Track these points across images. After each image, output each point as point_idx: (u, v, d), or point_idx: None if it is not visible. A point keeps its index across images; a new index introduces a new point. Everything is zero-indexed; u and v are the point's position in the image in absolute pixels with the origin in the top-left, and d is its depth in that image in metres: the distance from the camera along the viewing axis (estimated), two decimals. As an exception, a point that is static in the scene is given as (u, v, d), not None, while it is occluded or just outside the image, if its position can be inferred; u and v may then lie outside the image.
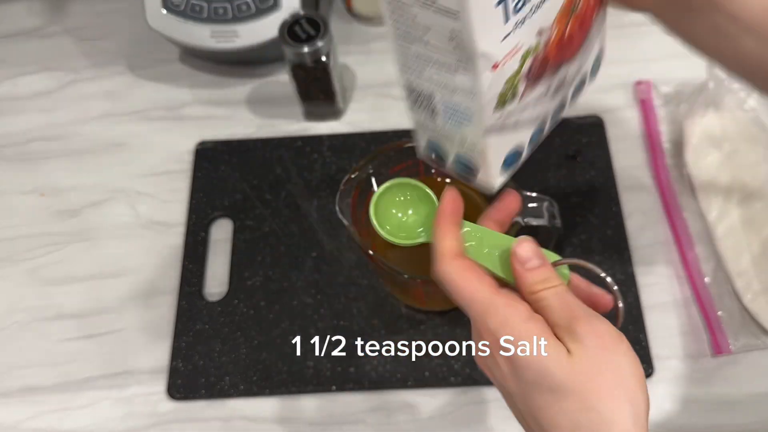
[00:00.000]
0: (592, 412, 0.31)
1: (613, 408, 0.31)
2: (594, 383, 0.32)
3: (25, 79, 0.71)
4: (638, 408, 0.32)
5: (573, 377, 0.32)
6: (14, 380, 0.55)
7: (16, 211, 0.63)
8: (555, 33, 0.34)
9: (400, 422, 0.52)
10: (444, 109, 0.34)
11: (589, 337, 0.32)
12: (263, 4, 0.62)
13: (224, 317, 0.56)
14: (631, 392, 0.32)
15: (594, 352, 0.32)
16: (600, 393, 0.32)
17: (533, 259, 0.35)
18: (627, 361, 0.33)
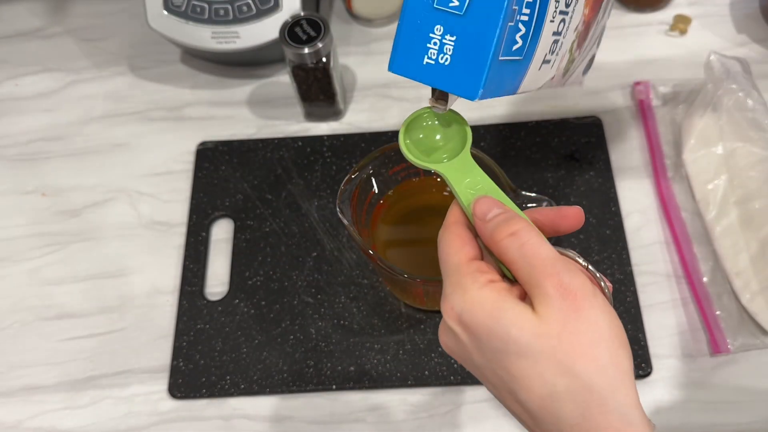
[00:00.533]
0: (568, 376, 0.28)
1: (592, 371, 0.28)
2: (567, 344, 0.29)
3: (26, 79, 0.71)
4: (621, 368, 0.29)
5: (541, 339, 0.29)
6: (16, 379, 0.55)
7: (18, 211, 0.63)
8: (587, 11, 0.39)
9: (400, 421, 0.52)
10: None
11: (556, 293, 0.29)
12: (264, 5, 0.63)
13: (225, 317, 0.56)
14: (612, 350, 0.29)
15: (563, 309, 0.29)
16: (575, 354, 0.28)
17: (493, 210, 0.32)
18: (603, 318, 0.29)
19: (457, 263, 0.32)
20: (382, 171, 0.51)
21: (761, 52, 0.66)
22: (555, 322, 0.29)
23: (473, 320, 0.30)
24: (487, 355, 0.30)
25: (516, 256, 0.30)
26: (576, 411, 0.28)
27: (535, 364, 0.29)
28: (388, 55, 0.76)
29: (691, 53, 0.67)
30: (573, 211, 0.34)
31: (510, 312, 0.30)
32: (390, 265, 0.46)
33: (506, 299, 0.30)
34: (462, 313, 0.31)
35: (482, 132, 0.63)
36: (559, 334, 0.29)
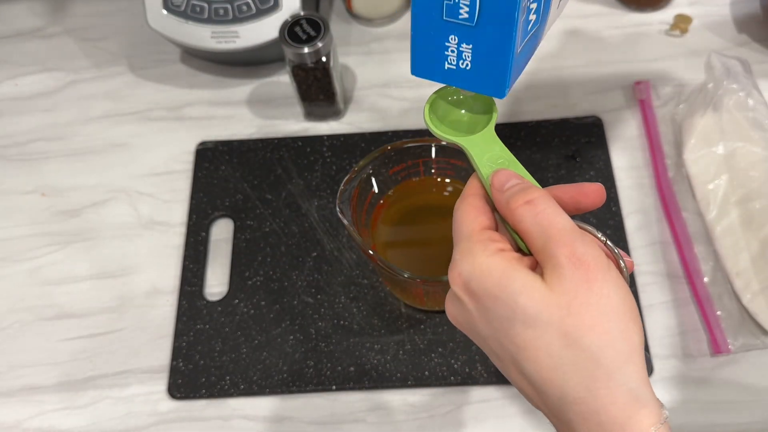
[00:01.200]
0: (575, 348, 0.28)
1: (600, 344, 0.28)
2: (576, 316, 0.28)
3: (26, 79, 0.71)
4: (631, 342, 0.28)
5: (550, 309, 0.28)
6: (15, 380, 0.55)
7: (17, 211, 0.63)
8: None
9: (400, 421, 0.52)
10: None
11: (570, 264, 0.28)
12: (264, 5, 0.63)
13: (225, 317, 0.56)
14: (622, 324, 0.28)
15: (574, 280, 0.28)
16: (583, 326, 0.28)
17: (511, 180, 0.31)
18: (616, 291, 0.28)
19: (469, 231, 0.31)
20: (382, 171, 0.51)
21: (762, 51, 0.66)
22: (565, 293, 0.28)
23: (481, 287, 0.30)
24: (494, 324, 0.30)
25: (530, 224, 0.30)
26: (581, 384, 0.28)
27: (542, 335, 0.28)
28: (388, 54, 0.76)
29: (692, 53, 0.67)
30: (594, 187, 0.33)
31: (519, 280, 0.29)
32: (390, 265, 0.46)
33: (516, 267, 0.29)
34: (470, 280, 0.30)
35: (482, 132, 0.63)
36: (568, 304, 0.28)
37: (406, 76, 0.68)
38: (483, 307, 0.30)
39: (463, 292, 0.31)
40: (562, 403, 0.28)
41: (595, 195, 0.33)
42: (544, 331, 0.28)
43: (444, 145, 0.51)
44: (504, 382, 0.52)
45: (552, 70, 0.67)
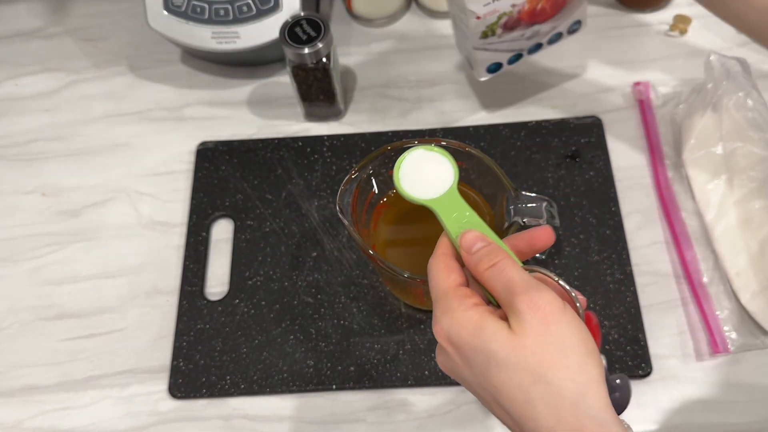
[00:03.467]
0: (541, 383, 0.32)
1: (561, 377, 0.32)
2: (540, 356, 0.32)
3: (26, 79, 0.71)
4: (589, 374, 0.32)
5: (517, 352, 0.32)
6: (16, 379, 0.55)
7: (18, 211, 0.63)
8: (527, 6, 0.53)
9: (400, 421, 0.52)
10: (459, 31, 0.57)
11: (528, 311, 0.33)
12: (264, 6, 0.63)
13: (225, 317, 0.56)
14: (580, 359, 0.32)
15: (535, 325, 0.32)
16: (547, 364, 0.32)
17: (477, 244, 0.36)
18: (570, 331, 0.33)
19: (445, 289, 0.36)
20: (382, 171, 0.51)
21: (761, 52, 0.66)
22: (527, 336, 0.32)
23: (460, 338, 0.34)
24: (474, 370, 0.34)
25: (495, 282, 0.35)
26: (551, 415, 0.31)
27: (513, 375, 0.32)
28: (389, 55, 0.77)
29: (691, 53, 0.67)
30: (543, 231, 0.38)
31: (489, 329, 0.33)
32: (390, 265, 0.46)
33: (487, 319, 0.34)
34: (450, 333, 0.35)
35: (482, 132, 0.63)
36: (531, 345, 0.32)
37: (406, 76, 0.68)
38: (464, 356, 0.34)
39: (446, 343, 0.35)
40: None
41: (546, 237, 0.38)
42: (514, 371, 0.32)
43: (444, 145, 0.51)
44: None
45: (552, 71, 0.67)
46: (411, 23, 0.72)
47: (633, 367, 0.52)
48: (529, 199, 0.47)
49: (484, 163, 0.49)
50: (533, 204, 0.47)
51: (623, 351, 0.53)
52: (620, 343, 0.53)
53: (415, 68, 0.68)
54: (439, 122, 0.65)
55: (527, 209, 0.47)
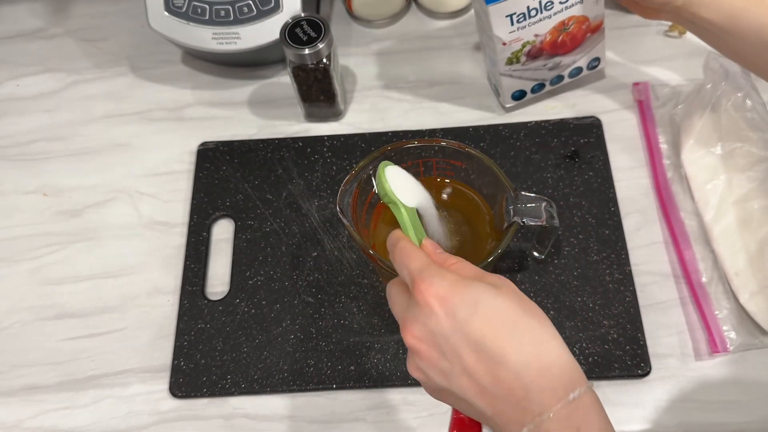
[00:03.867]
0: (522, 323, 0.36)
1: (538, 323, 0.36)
2: (516, 303, 0.36)
3: (27, 79, 0.71)
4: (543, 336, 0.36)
5: (500, 297, 0.36)
6: (17, 379, 0.56)
7: (19, 211, 0.63)
8: (549, 38, 0.58)
9: (400, 420, 0.52)
10: (488, 58, 0.61)
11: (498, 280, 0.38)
12: (264, 6, 0.63)
13: (226, 316, 0.56)
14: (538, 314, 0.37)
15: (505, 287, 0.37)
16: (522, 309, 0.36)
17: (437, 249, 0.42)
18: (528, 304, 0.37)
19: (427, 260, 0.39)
20: (382, 171, 0.51)
21: (760, 52, 0.66)
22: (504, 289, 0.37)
23: (451, 289, 0.36)
24: (458, 316, 0.36)
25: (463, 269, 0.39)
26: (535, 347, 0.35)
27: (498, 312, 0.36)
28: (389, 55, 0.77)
29: (690, 54, 0.67)
30: None
31: (477, 282, 0.37)
32: (390, 264, 0.46)
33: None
34: (441, 286, 0.37)
35: (482, 132, 0.63)
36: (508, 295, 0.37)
37: (406, 76, 0.68)
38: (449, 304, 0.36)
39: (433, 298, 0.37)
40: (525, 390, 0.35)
41: None
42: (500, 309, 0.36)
43: (444, 145, 0.51)
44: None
45: (551, 71, 0.67)
46: (411, 23, 0.72)
47: (632, 366, 0.52)
48: (529, 200, 0.47)
49: (483, 163, 0.49)
50: (533, 204, 0.47)
51: (622, 350, 0.53)
52: (619, 343, 0.53)
53: (415, 68, 0.69)
54: (439, 122, 0.65)
55: (527, 209, 0.47)
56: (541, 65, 0.60)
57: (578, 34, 0.59)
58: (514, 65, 0.59)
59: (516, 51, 0.57)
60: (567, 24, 0.57)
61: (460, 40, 0.70)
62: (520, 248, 0.57)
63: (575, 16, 0.57)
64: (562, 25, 0.57)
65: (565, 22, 0.57)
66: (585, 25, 0.58)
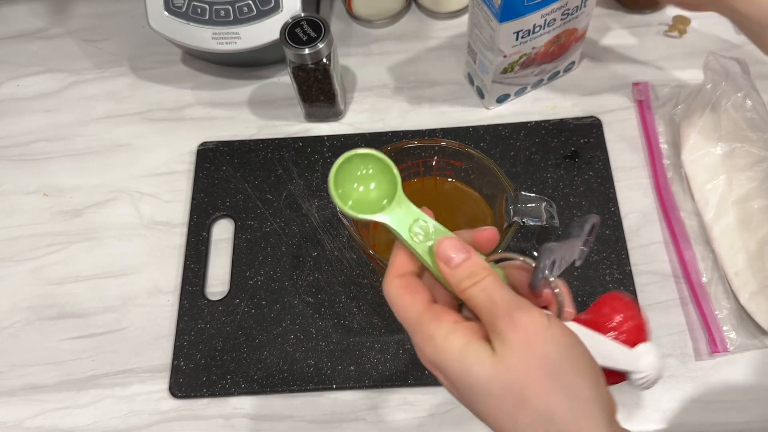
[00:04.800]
0: (528, 410, 0.30)
1: (549, 403, 0.30)
2: (524, 380, 0.30)
3: (28, 80, 0.71)
4: (578, 396, 0.30)
5: (499, 377, 0.30)
6: (17, 379, 0.56)
7: (20, 211, 0.64)
8: (542, 49, 0.60)
9: (400, 420, 0.52)
10: (480, 61, 0.62)
11: (509, 332, 0.31)
12: (264, 6, 0.63)
13: (226, 316, 0.56)
14: (565, 381, 0.30)
15: (518, 346, 0.31)
16: (531, 389, 0.30)
17: (457, 255, 0.34)
18: (555, 350, 0.31)
19: (416, 315, 0.33)
20: (382, 171, 0.51)
21: (759, 53, 0.66)
22: (510, 358, 0.31)
23: (445, 367, 0.32)
24: (462, 395, 0.33)
25: (477, 300, 0.33)
26: None
27: (498, 402, 0.31)
28: (389, 55, 0.77)
29: (690, 54, 0.67)
30: (487, 232, 0.37)
31: (473, 353, 0.31)
32: (390, 264, 0.46)
33: (471, 341, 0.32)
34: (435, 361, 0.33)
35: (482, 132, 0.63)
36: (515, 368, 0.30)
37: (406, 76, 0.68)
38: (451, 381, 0.33)
39: (434, 369, 0.34)
40: None
41: (489, 238, 0.37)
42: (498, 398, 0.31)
43: (444, 145, 0.51)
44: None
45: (551, 71, 0.67)
46: (411, 24, 0.72)
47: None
48: (529, 200, 0.47)
49: (483, 163, 0.49)
50: (533, 204, 0.47)
51: (622, 350, 0.53)
52: (619, 343, 0.53)
53: (415, 68, 0.69)
54: (439, 122, 0.65)
55: (527, 209, 0.47)
56: (529, 72, 0.63)
57: (567, 44, 0.62)
58: (507, 74, 0.61)
59: (513, 62, 0.60)
60: (561, 37, 0.60)
61: (460, 40, 0.70)
62: (520, 248, 0.57)
63: (568, 29, 0.60)
64: (556, 38, 0.60)
65: (559, 36, 0.60)
66: (573, 35, 0.61)
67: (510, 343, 0.31)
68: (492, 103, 0.65)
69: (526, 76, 0.63)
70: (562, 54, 0.62)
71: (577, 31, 0.61)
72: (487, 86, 0.63)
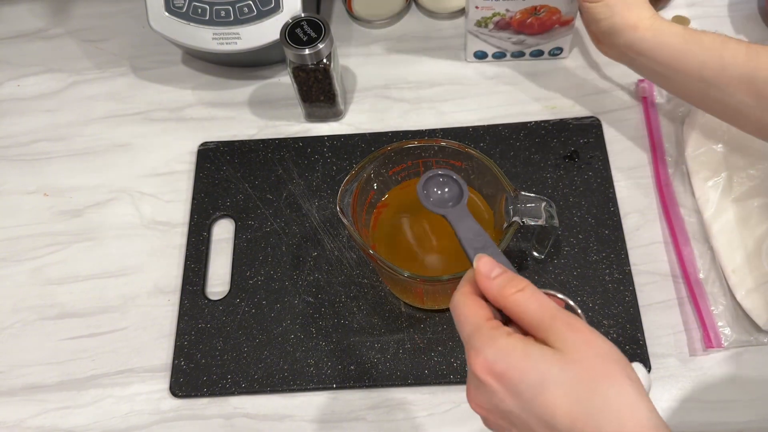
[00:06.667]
0: (599, 396, 0.32)
1: (617, 389, 0.32)
2: (592, 370, 0.33)
3: (28, 80, 0.71)
4: (637, 385, 0.33)
5: (569, 367, 0.33)
6: (18, 378, 0.56)
7: (20, 211, 0.64)
8: (518, 16, 0.63)
9: (400, 420, 0.52)
10: (465, 9, 0.64)
11: (569, 333, 0.33)
12: (265, 7, 0.63)
13: (226, 316, 0.56)
14: (627, 372, 0.33)
15: (579, 344, 0.33)
16: (600, 377, 0.32)
17: (495, 269, 0.37)
18: (608, 347, 0.34)
19: (478, 323, 0.35)
20: (382, 171, 0.52)
21: (759, 53, 0.66)
22: (574, 353, 0.33)
23: (508, 364, 0.34)
24: (524, 397, 0.33)
25: (527, 305, 0.35)
26: (615, 425, 0.32)
27: (569, 390, 0.32)
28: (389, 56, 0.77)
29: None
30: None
31: (536, 349, 0.34)
32: (390, 264, 0.46)
33: (530, 342, 0.34)
34: (495, 361, 0.34)
35: (482, 132, 0.63)
36: (581, 361, 0.33)
37: (406, 77, 0.68)
38: (511, 384, 0.34)
39: (488, 375, 0.34)
40: None
41: None
42: (570, 386, 0.32)
43: (444, 145, 0.51)
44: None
45: (551, 71, 0.67)
46: (411, 24, 0.72)
47: None
48: (529, 200, 0.47)
49: (483, 163, 0.49)
50: (532, 204, 0.47)
51: (622, 350, 0.52)
52: (619, 343, 0.53)
53: (415, 69, 0.69)
54: (439, 123, 0.65)
55: (526, 209, 0.47)
56: (506, 37, 0.65)
57: (547, 21, 0.63)
58: (481, 28, 0.64)
59: (486, 17, 0.63)
60: (539, 10, 0.62)
61: (460, 41, 0.70)
62: (519, 248, 0.57)
63: (548, 6, 0.61)
64: (533, 10, 0.62)
65: (537, 8, 0.62)
66: (556, 16, 0.63)
67: (571, 341, 0.33)
68: (470, 56, 0.68)
69: (503, 39, 0.65)
70: (544, 32, 0.64)
71: (560, 13, 0.62)
72: (467, 37, 0.66)
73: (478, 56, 0.68)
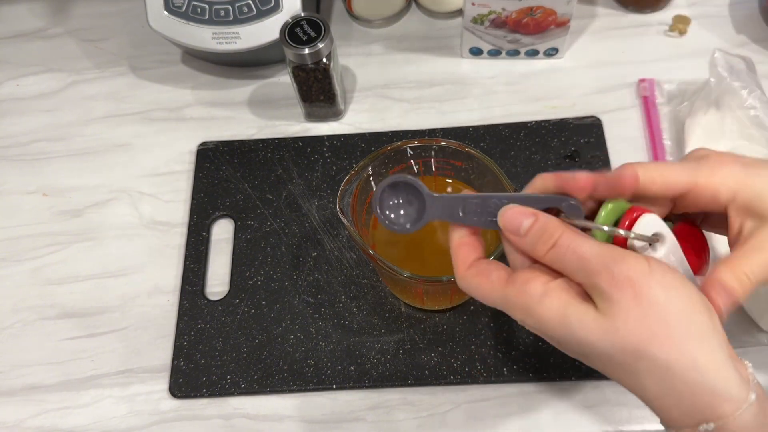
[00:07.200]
0: (645, 360, 0.29)
1: (668, 350, 0.29)
2: (638, 334, 0.29)
3: (28, 79, 0.71)
4: (698, 336, 0.29)
5: (610, 336, 0.29)
6: (17, 379, 0.56)
7: (20, 211, 0.64)
8: (514, 15, 0.63)
9: (400, 420, 0.52)
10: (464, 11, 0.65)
11: (613, 290, 0.29)
12: (264, 6, 0.63)
13: (225, 316, 0.56)
14: (685, 324, 0.29)
15: (626, 302, 0.29)
16: (648, 340, 0.29)
17: (522, 223, 0.32)
18: (666, 294, 0.29)
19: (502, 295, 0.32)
20: (382, 171, 0.51)
21: (761, 52, 0.66)
22: (619, 316, 0.29)
23: (548, 332, 0.31)
24: (578, 356, 0.32)
25: (564, 263, 0.31)
26: (660, 386, 0.29)
27: (610, 359, 0.30)
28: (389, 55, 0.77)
29: (690, 54, 0.67)
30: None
31: (575, 316, 0.30)
32: (390, 264, 0.46)
33: (569, 303, 0.31)
34: (540, 330, 0.32)
35: (482, 132, 0.63)
36: (626, 325, 0.29)
37: (406, 76, 0.68)
38: (561, 344, 0.32)
39: (543, 335, 0.32)
40: (658, 405, 0.30)
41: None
42: (611, 356, 0.30)
43: (444, 145, 0.51)
44: (502, 381, 0.52)
45: (551, 71, 0.67)
46: (411, 23, 0.72)
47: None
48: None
49: (483, 163, 0.49)
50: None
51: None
52: (619, 343, 0.53)
53: (415, 68, 0.69)
54: (439, 122, 0.65)
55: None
56: (501, 35, 0.66)
57: (543, 22, 0.64)
58: (477, 25, 0.65)
59: (482, 14, 0.63)
60: (535, 11, 0.62)
61: (460, 40, 0.70)
62: (520, 248, 0.57)
63: (543, 7, 0.62)
64: (529, 10, 0.62)
65: (533, 9, 0.62)
66: (552, 17, 0.63)
67: (616, 301, 0.29)
68: (465, 52, 0.68)
69: (498, 37, 0.66)
70: (540, 32, 0.64)
71: (555, 14, 0.62)
72: (463, 33, 0.66)
73: (473, 52, 0.68)
